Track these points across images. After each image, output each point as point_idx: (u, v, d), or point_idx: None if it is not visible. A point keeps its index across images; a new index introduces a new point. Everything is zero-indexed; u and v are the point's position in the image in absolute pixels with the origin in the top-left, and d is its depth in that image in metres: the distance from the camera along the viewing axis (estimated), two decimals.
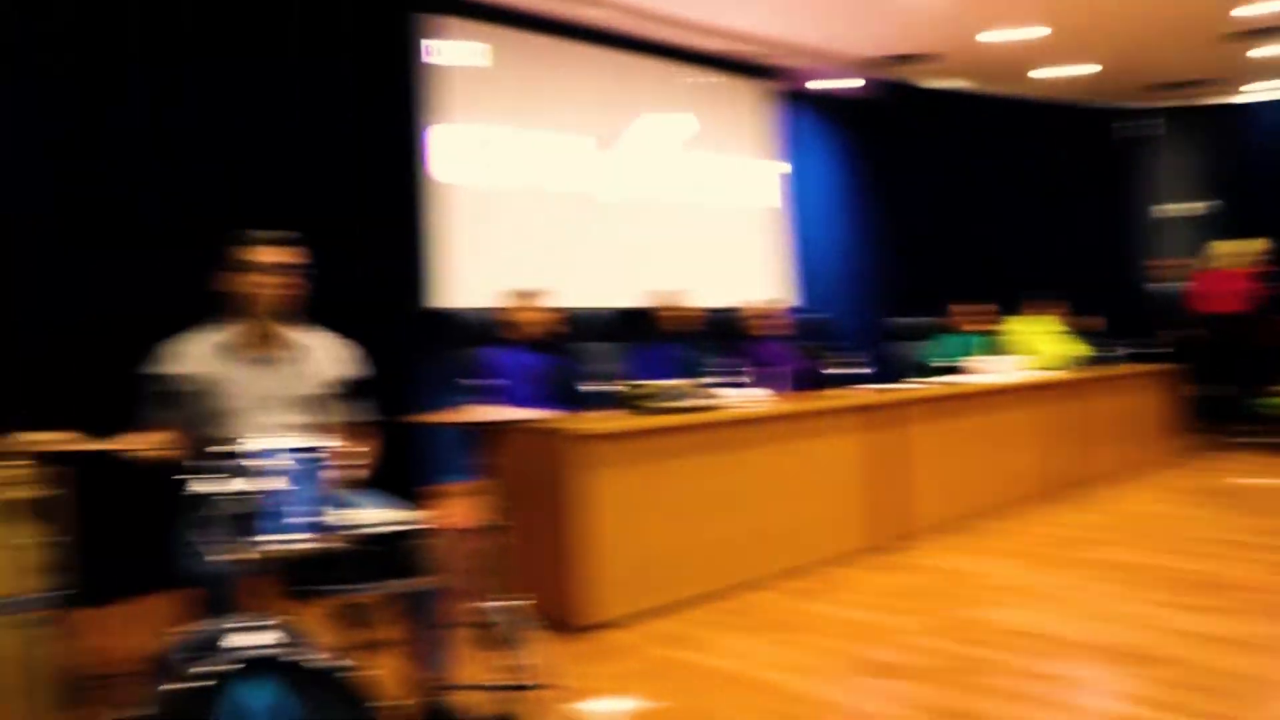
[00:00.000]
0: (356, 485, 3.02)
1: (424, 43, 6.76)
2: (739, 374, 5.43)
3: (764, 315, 6.58)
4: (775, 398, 5.44)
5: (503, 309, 5.32)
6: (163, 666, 2.45)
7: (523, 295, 5.34)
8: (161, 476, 2.85)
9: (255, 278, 3.07)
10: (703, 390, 4.98)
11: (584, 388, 5.15)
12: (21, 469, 2.94)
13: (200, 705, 2.28)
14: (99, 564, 3.59)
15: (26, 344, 4.77)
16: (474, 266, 6.99)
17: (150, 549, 3.22)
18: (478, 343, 5.22)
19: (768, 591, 4.86)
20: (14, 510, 2.73)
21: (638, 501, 4.51)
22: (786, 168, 9.70)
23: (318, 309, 3.24)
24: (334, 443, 2.68)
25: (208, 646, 2.38)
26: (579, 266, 7.68)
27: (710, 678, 3.77)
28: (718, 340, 6.11)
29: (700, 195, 8.90)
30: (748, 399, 5.22)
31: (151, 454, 2.93)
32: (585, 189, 8.07)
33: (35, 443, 2.75)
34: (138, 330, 3.43)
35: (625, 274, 7.77)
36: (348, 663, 2.46)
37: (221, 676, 2.31)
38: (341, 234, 5.45)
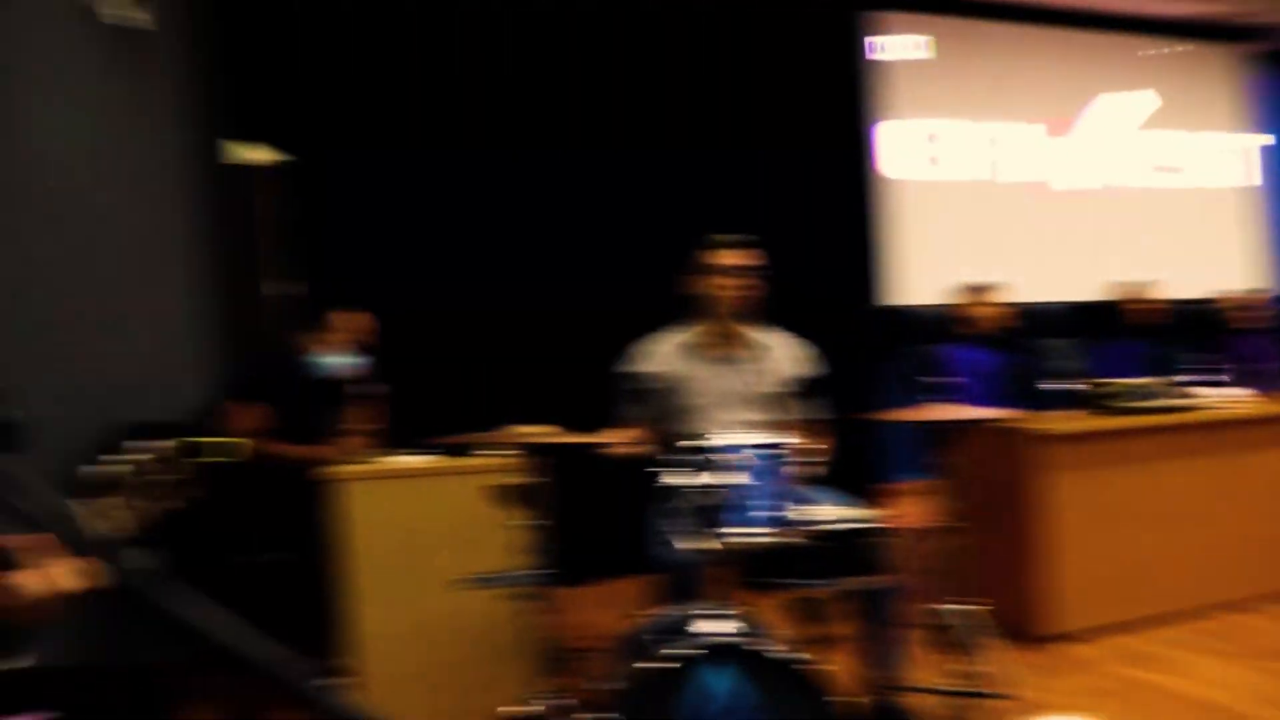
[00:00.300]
0: (814, 482, 3.07)
1: (867, 40, 6.82)
2: (1217, 371, 5.05)
3: (1244, 306, 6.01)
4: (1260, 397, 4.96)
5: (956, 305, 5.22)
6: (632, 645, 2.63)
7: (976, 290, 5.21)
8: (633, 469, 3.06)
9: (717, 280, 3.23)
10: (1176, 389, 4.63)
11: (1043, 386, 4.92)
12: (512, 458, 3.25)
13: (667, 684, 2.42)
14: (575, 547, 3.89)
15: (517, 345, 5.30)
16: (925, 262, 6.92)
17: (621, 536, 3.47)
18: (932, 340, 5.15)
19: (1254, 614, 4.42)
20: (506, 494, 3.01)
21: (1103, 507, 4.29)
22: (1268, 139, 8.70)
23: (775, 309, 3.34)
24: (793, 440, 2.74)
25: (674, 630, 2.52)
26: (1034, 259, 7.37)
27: (1185, 706, 3.47)
28: (1190, 335, 5.66)
29: (1165, 178, 8.23)
30: (1228, 399, 4.82)
31: (624, 448, 3.16)
32: (1038, 178, 7.72)
33: (523, 435, 3.02)
34: (613, 330, 3.70)
35: (1083, 265, 7.36)
36: (804, 656, 2.50)
37: (687, 659, 2.43)
38: (795, 235, 5.59)
